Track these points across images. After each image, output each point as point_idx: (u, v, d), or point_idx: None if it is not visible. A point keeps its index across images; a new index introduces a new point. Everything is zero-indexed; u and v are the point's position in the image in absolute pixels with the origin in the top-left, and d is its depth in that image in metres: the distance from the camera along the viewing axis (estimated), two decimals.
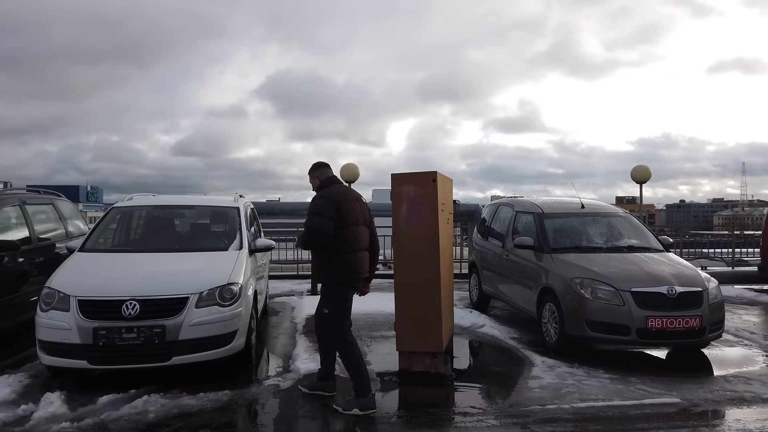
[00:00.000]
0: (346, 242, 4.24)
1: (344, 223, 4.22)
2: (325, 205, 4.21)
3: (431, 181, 4.93)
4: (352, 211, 4.32)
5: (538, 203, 7.15)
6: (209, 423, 3.93)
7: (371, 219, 4.58)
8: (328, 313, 4.29)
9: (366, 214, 4.49)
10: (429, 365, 4.93)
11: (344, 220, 4.22)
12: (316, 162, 4.59)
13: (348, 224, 4.25)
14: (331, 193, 4.33)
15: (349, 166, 11.55)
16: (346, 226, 4.23)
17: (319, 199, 4.30)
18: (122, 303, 4.53)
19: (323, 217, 4.16)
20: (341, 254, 4.24)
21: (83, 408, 4.15)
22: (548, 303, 5.98)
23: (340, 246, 4.22)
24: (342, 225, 4.21)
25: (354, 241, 4.29)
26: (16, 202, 6.47)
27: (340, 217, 4.21)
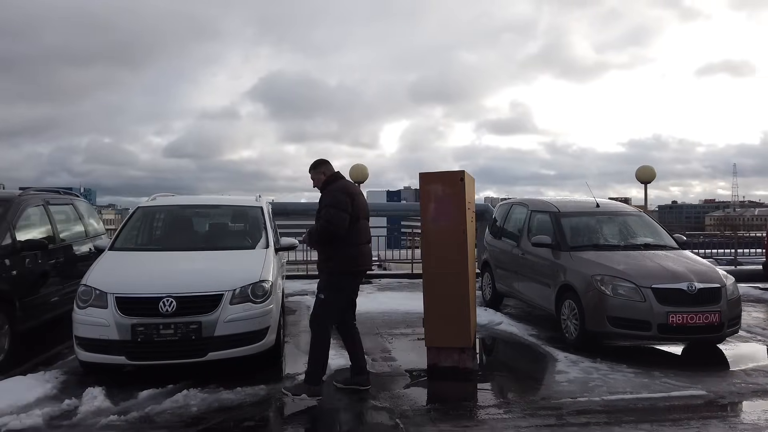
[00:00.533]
0: (358, 234, 4.47)
1: (357, 216, 4.44)
2: (342, 199, 4.38)
3: (459, 180, 5.05)
4: (362, 204, 4.56)
5: (554, 202, 7.28)
6: (252, 416, 4.02)
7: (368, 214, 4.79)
8: (324, 298, 4.42)
9: (367, 209, 4.71)
10: (457, 360, 5.04)
11: (357, 213, 4.44)
12: (318, 159, 4.71)
13: (359, 217, 4.49)
14: (345, 186, 4.54)
15: (359, 166, 11.69)
16: (358, 219, 4.46)
17: (336, 192, 4.44)
18: (159, 300, 4.61)
19: (341, 211, 4.33)
20: (354, 246, 4.44)
21: (125, 402, 4.23)
22: (567, 300, 6.10)
23: (353, 238, 4.43)
24: (355, 218, 4.41)
25: (364, 233, 4.55)
26: (40, 202, 6.54)
27: (354, 210, 4.40)
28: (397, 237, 22.40)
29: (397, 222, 29.69)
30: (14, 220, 5.77)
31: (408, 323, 7.36)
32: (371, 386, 4.56)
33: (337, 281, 4.44)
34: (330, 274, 4.45)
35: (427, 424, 3.85)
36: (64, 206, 7.22)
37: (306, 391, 4.28)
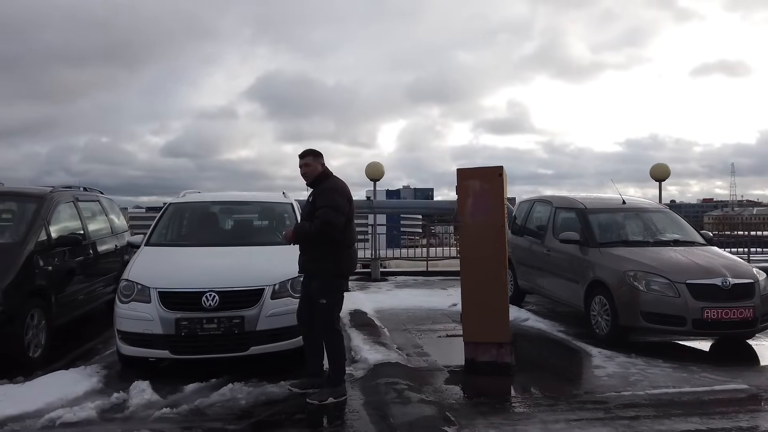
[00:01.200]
0: (351, 236, 4.33)
1: (350, 217, 4.29)
2: (342, 203, 4.20)
3: (497, 175, 5.07)
4: (353, 205, 4.41)
5: (579, 199, 7.30)
6: (300, 409, 4.05)
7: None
8: (327, 303, 4.20)
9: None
10: (496, 355, 5.06)
11: (350, 214, 4.29)
12: (313, 149, 4.41)
13: (351, 218, 4.33)
14: (342, 186, 4.33)
15: (375, 164, 11.72)
16: (350, 219, 4.31)
17: (336, 193, 4.23)
18: (202, 294, 4.63)
19: (340, 214, 4.15)
20: (346, 248, 4.29)
21: (172, 396, 4.26)
22: (598, 296, 6.12)
23: (347, 240, 4.28)
24: (348, 219, 4.26)
25: (355, 235, 4.44)
26: (70, 198, 6.56)
27: (349, 211, 4.27)
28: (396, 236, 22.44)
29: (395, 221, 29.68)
30: (48, 217, 5.79)
31: (433, 319, 7.40)
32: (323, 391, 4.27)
33: (337, 284, 4.28)
34: (327, 277, 4.22)
35: (477, 418, 3.87)
36: (91, 203, 7.25)
37: (332, 395, 4.14)
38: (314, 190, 4.34)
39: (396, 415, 3.80)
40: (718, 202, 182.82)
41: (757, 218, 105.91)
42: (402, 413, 3.85)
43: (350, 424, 3.76)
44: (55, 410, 3.86)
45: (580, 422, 3.79)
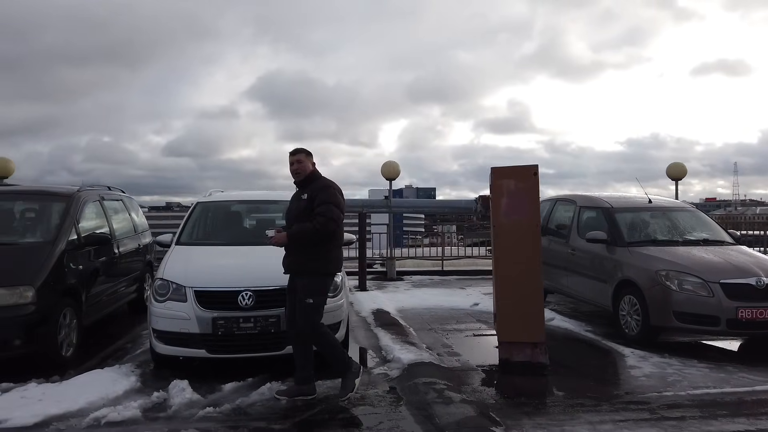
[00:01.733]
0: (341, 236, 4.38)
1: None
2: (342, 201, 4.25)
3: (532, 175, 5.05)
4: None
5: (605, 198, 7.27)
6: (341, 408, 4.03)
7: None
8: (313, 302, 4.13)
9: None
10: (530, 355, 5.03)
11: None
12: (303, 148, 4.41)
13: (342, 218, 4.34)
14: (338, 187, 4.32)
15: (390, 163, 11.69)
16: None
17: (334, 190, 4.23)
18: (238, 294, 4.62)
19: (340, 211, 4.19)
20: (338, 248, 4.32)
21: (212, 395, 4.24)
22: (627, 295, 6.09)
23: (339, 239, 4.31)
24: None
25: (342, 234, 4.45)
26: (96, 198, 6.56)
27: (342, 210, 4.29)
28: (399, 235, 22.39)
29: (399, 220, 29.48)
30: (77, 216, 5.78)
31: (457, 319, 7.37)
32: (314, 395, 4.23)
33: (324, 284, 4.21)
34: (316, 276, 4.16)
35: (522, 418, 3.84)
36: (115, 201, 7.24)
37: (351, 387, 4.09)
38: (308, 188, 4.26)
39: (441, 415, 3.78)
40: (721, 202, 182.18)
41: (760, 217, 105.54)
42: (446, 413, 3.83)
43: (395, 423, 3.73)
44: (98, 409, 3.85)
45: (627, 423, 3.76)
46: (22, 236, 5.57)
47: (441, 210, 12.80)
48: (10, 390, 4.24)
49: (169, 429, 3.62)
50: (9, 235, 5.53)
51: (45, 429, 3.62)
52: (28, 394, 4.15)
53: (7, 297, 4.60)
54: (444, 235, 14.14)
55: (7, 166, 10.66)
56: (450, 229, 18.24)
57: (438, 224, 29.25)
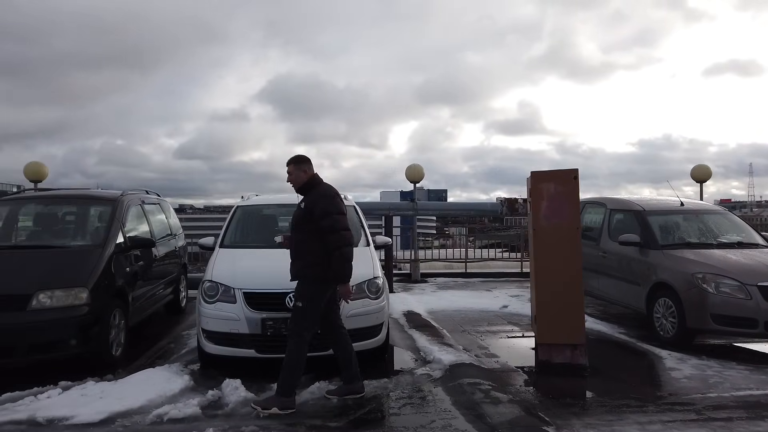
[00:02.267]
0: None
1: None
2: (340, 204, 4.22)
3: (572, 178, 5.12)
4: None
5: (636, 201, 7.32)
6: (391, 407, 4.13)
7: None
8: (301, 306, 4.12)
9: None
10: (570, 357, 5.10)
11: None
12: (301, 155, 4.37)
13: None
14: (338, 194, 4.33)
15: (415, 166, 11.78)
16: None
17: (334, 197, 4.22)
18: (286, 295, 4.73)
19: (342, 217, 4.15)
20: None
21: (264, 393, 4.35)
22: (662, 298, 6.13)
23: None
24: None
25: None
26: (138, 202, 6.72)
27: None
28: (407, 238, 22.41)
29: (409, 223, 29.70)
30: (123, 219, 5.94)
31: (488, 321, 7.44)
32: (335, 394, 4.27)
33: (318, 289, 4.15)
34: (311, 281, 4.14)
35: (571, 418, 3.91)
36: (154, 205, 7.41)
37: (277, 404, 3.96)
38: (305, 197, 4.28)
39: (491, 415, 3.86)
40: (736, 203, 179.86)
41: None
42: (496, 413, 3.91)
43: (447, 422, 3.82)
44: (159, 407, 3.98)
45: (675, 423, 3.83)
46: (73, 239, 5.75)
47: (467, 212, 12.92)
48: (69, 388, 4.39)
49: (229, 426, 3.74)
50: (60, 238, 5.71)
51: (110, 426, 3.76)
52: (87, 392, 4.30)
53: (63, 298, 4.75)
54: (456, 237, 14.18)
55: (40, 170, 10.91)
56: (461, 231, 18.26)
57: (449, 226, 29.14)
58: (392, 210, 10.35)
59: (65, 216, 6.18)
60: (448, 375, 4.86)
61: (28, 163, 10.86)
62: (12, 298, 4.58)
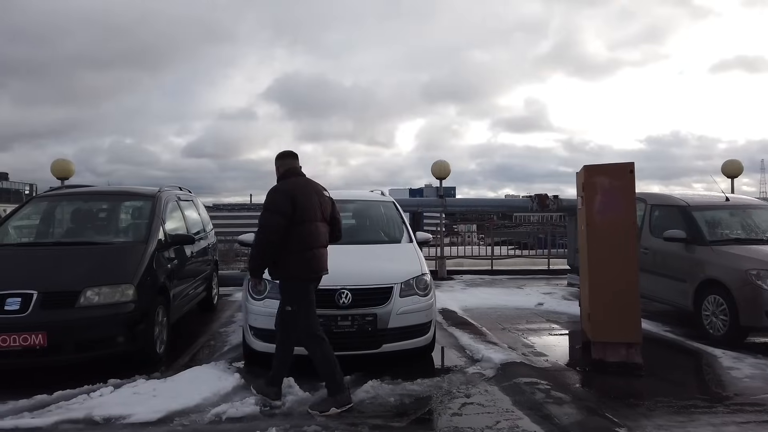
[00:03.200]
0: (302, 239, 3.96)
1: (301, 219, 3.94)
2: (278, 200, 3.94)
3: (628, 172, 4.98)
4: (311, 206, 4.02)
5: (679, 196, 7.14)
6: (451, 407, 4.02)
7: (334, 214, 4.29)
8: (291, 310, 4.01)
9: (326, 209, 4.19)
10: (625, 356, 4.96)
11: (301, 216, 3.93)
12: (282, 151, 4.28)
13: (305, 219, 3.96)
14: (286, 186, 4.04)
15: (441, 162, 11.66)
16: (303, 221, 3.95)
17: (273, 193, 4.00)
18: (335, 292, 4.64)
19: (275, 213, 3.90)
20: (298, 252, 3.95)
21: (317, 392, 4.25)
22: (711, 295, 5.98)
23: (296, 243, 3.94)
24: (299, 221, 3.93)
25: (312, 237, 4.02)
26: (174, 198, 6.65)
27: (297, 212, 3.91)
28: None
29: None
30: (163, 215, 5.87)
31: (526, 319, 7.31)
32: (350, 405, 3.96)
33: (298, 290, 4.01)
34: (285, 283, 4.05)
35: (640, 419, 3.78)
36: (187, 202, 7.35)
37: (334, 404, 3.86)
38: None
39: (558, 416, 3.75)
40: None
41: None
42: (563, 414, 3.80)
43: (513, 423, 3.71)
44: (215, 405, 3.90)
45: (749, 425, 3.69)
46: (116, 236, 5.69)
47: (496, 208, 12.79)
48: (120, 386, 4.32)
49: (291, 425, 3.64)
50: (103, 234, 5.65)
51: (169, 425, 3.68)
52: (139, 390, 4.23)
53: (110, 295, 4.68)
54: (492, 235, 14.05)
55: (67, 167, 10.90)
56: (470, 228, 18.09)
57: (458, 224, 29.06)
58: (421, 207, 10.22)
59: (106, 212, 6.12)
60: (501, 374, 4.74)
61: (55, 160, 10.86)
62: (61, 294, 4.51)
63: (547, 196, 9.99)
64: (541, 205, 10.02)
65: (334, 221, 4.31)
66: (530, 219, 20.58)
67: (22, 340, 4.29)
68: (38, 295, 4.44)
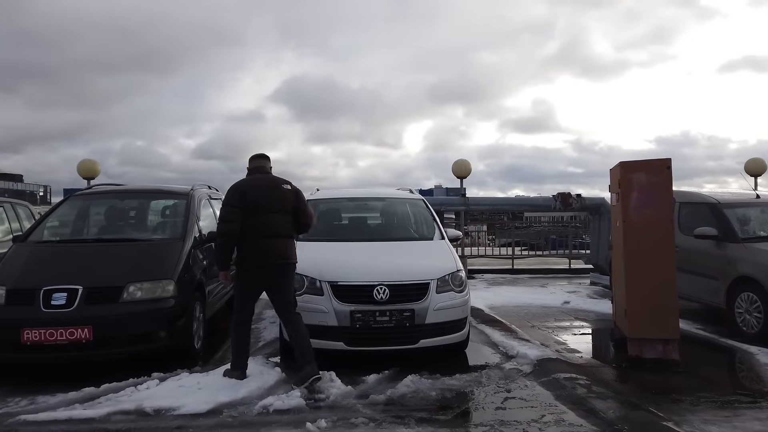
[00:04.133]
0: (255, 229, 4.32)
1: (254, 211, 4.32)
2: (230, 195, 4.44)
3: (665, 168, 4.98)
4: (264, 199, 4.38)
5: (708, 193, 7.11)
6: (493, 401, 4.05)
7: (299, 205, 4.56)
8: (232, 289, 4.54)
9: (288, 202, 4.49)
10: (662, 352, 4.95)
11: (254, 208, 4.32)
12: (254, 153, 4.72)
13: (257, 212, 4.32)
14: (241, 182, 4.53)
15: (462, 162, 11.69)
16: (255, 213, 4.32)
17: (229, 189, 4.50)
18: (373, 288, 4.69)
19: (226, 206, 4.41)
20: (250, 240, 4.32)
21: (359, 386, 4.30)
22: (745, 293, 5.95)
23: (250, 232, 4.31)
24: (251, 212, 4.30)
25: (264, 228, 4.33)
26: (206, 196, 6.73)
27: (249, 205, 4.31)
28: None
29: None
30: (197, 213, 5.95)
31: (554, 317, 7.30)
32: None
33: (241, 275, 4.47)
34: (237, 267, 4.51)
35: (686, 414, 3.78)
36: (216, 200, 7.41)
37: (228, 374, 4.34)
38: None
39: (603, 410, 3.77)
40: None
41: None
42: (606, 408, 3.82)
43: (558, 417, 3.72)
44: (261, 399, 3.95)
45: None
46: (153, 233, 5.78)
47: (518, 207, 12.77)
48: (165, 379, 4.39)
49: (338, 418, 3.69)
50: (141, 231, 5.74)
51: (219, 416, 3.74)
52: (184, 383, 4.29)
53: (151, 290, 4.75)
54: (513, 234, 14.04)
55: (93, 167, 11.06)
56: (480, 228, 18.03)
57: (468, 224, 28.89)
58: (443, 205, 10.24)
59: (142, 210, 6.21)
60: (538, 370, 4.76)
61: (82, 160, 11.02)
62: (105, 289, 4.60)
63: (570, 195, 9.96)
64: (564, 204, 9.99)
65: (298, 211, 4.57)
66: (541, 219, 20.46)
67: (68, 334, 4.38)
68: (83, 290, 4.53)
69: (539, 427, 3.57)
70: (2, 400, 4.06)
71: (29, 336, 4.33)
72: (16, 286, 4.61)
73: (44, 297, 4.46)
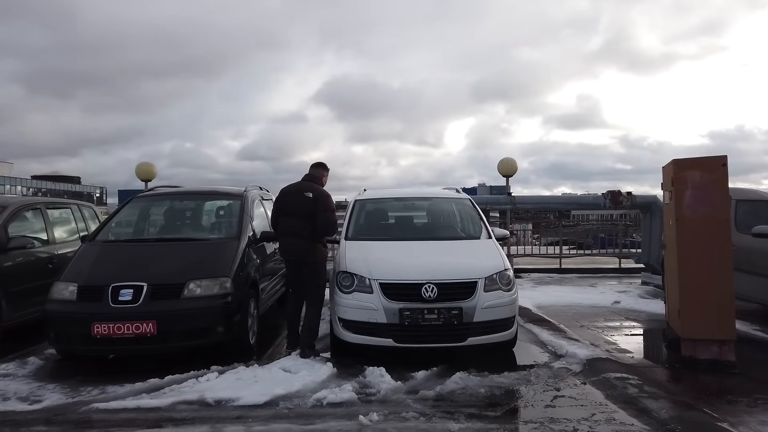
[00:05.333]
0: (282, 228, 5.39)
1: (283, 213, 5.38)
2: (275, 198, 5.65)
3: (721, 165, 4.86)
4: (286, 204, 5.39)
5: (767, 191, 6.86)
6: (541, 399, 4.07)
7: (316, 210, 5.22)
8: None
9: (306, 207, 5.24)
10: (717, 353, 4.84)
11: (280, 211, 5.43)
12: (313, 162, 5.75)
13: (281, 214, 5.40)
14: (282, 188, 5.60)
15: (508, 160, 11.62)
16: (284, 214, 5.37)
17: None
18: (422, 286, 4.77)
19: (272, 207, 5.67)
20: (279, 237, 5.49)
21: (408, 382, 4.40)
22: None
23: (279, 230, 5.44)
24: (282, 214, 5.38)
25: (286, 227, 5.35)
26: (258, 197, 6.97)
27: (281, 207, 5.42)
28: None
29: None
30: (251, 213, 6.18)
31: (603, 317, 7.20)
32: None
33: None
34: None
35: (742, 415, 3.71)
36: (268, 201, 7.65)
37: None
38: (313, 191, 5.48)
39: (656, 410, 3.73)
40: None
41: None
42: (659, 408, 3.78)
43: (609, 416, 3.72)
44: (315, 392, 4.12)
45: None
46: (211, 232, 6.04)
47: (566, 206, 12.53)
48: (223, 372, 4.60)
49: (389, 411, 3.80)
50: (199, 231, 6.01)
51: (275, 408, 3.91)
52: (241, 376, 4.50)
53: (210, 287, 4.98)
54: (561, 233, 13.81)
55: (150, 170, 11.59)
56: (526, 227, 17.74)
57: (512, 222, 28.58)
58: (489, 204, 10.22)
59: (199, 210, 6.50)
60: (588, 369, 4.74)
61: (140, 163, 11.58)
62: (168, 286, 4.85)
63: (620, 193, 9.76)
64: (614, 202, 9.80)
65: (316, 216, 5.24)
66: (589, 218, 20.01)
67: (134, 328, 4.65)
68: (148, 286, 4.80)
69: (589, 425, 3.57)
70: (75, 389, 4.37)
71: (99, 329, 4.63)
72: (87, 282, 4.93)
73: (112, 293, 4.76)
